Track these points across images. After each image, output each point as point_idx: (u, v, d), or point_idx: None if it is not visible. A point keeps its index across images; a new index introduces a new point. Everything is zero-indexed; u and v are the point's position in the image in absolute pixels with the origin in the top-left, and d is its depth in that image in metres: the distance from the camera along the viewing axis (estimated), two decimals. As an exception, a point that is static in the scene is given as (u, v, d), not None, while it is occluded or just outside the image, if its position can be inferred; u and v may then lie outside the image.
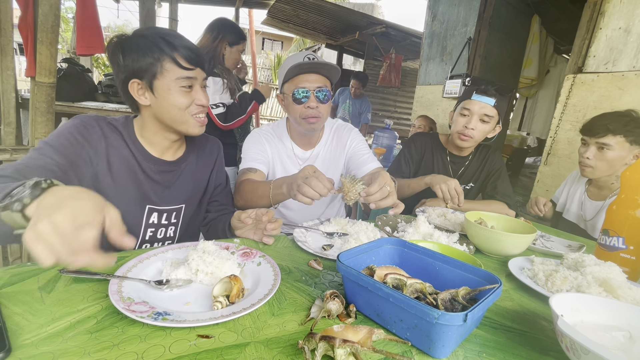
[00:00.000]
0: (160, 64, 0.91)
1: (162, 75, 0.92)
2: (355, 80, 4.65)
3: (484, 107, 1.52)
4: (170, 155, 1.09)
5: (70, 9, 10.87)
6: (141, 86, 0.94)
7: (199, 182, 1.16)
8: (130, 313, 0.56)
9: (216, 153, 1.23)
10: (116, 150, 0.98)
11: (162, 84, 0.92)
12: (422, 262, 0.76)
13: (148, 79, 0.92)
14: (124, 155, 0.99)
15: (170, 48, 0.91)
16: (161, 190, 1.06)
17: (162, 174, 1.06)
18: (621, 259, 0.92)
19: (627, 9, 2.22)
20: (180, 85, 0.93)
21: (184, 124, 0.98)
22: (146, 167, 1.02)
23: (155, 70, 0.91)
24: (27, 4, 2.14)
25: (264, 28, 10.21)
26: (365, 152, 1.47)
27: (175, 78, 0.92)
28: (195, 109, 0.98)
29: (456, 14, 3.85)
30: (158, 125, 1.01)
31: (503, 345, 0.61)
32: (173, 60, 0.91)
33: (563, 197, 1.75)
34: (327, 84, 1.31)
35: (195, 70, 0.95)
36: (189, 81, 0.95)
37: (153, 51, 0.90)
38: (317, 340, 0.51)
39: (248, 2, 7.17)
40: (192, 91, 0.97)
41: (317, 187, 0.90)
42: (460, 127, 1.57)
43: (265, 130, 1.47)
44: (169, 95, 0.93)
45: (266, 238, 0.97)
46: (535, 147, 6.54)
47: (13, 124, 2.27)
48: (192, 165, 1.14)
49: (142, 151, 1.02)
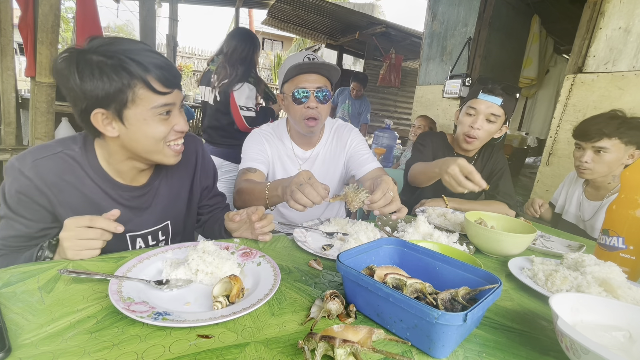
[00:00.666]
0: (131, 91, 0.76)
1: (135, 104, 0.77)
2: (356, 83, 4.63)
3: (490, 107, 1.50)
4: (142, 178, 0.97)
5: (70, 9, 10.88)
6: (106, 116, 0.79)
7: (178, 194, 1.06)
8: (130, 313, 0.56)
9: (194, 157, 1.09)
10: (70, 188, 0.85)
11: (134, 113, 0.78)
12: (422, 262, 0.76)
13: (116, 108, 0.77)
14: (81, 191, 0.87)
15: (142, 70, 0.76)
16: (139, 215, 0.97)
17: (136, 199, 0.96)
18: (621, 258, 0.92)
19: (627, 9, 2.22)
20: (157, 114, 0.80)
21: (158, 154, 0.86)
22: (115, 196, 0.92)
23: (125, 99, 0.76)
24: (27, 4, 2.14)
25: (264, 28, 10.21)
26: (365, 152, 1.47)
27: (150, 107, 0.79)
28: (173, 135, 0.86)
29: (456, 14, 3.85)
30: (126, 155, 0.87)
31: (503, 345, 0.61)
32: (147, 86, 0.77)
33: (562, 198, 1.76)
34: (327, 84, 1.31)
35: (172, 94, 0.82)
36: (167, 107, 0.81)
37: (121, 75, 0.74)
38: (317, 340, 0.51)
39: (248, 2, 7.18)
40: (170, 117, 0.84)
41: (311, 195, 0.88)
42: (466, 128, 1.55)
43: (265, 130, 1.47)
44: (144, 126, 0.80)
45: (261, 236, 0.95)
46: (535, 147, 6.53)
47: (13, 124, 2.27)
48: (166, 180, 1.03)
49: (108, 180, 0.90)
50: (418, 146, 1.74)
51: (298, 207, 0.90)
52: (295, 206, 0.91)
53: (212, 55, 2.45)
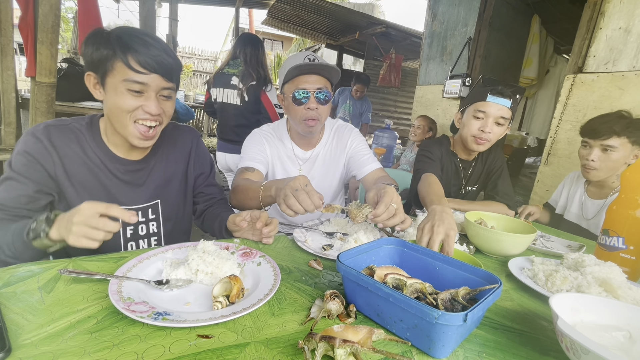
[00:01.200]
0: (110, 62, 0.86)
1: (112, 74, 0.87)
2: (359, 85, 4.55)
3: (500, 110, 1.44)
4: (138, 154, 1.04)
5: (70, 9, 10.87)
6: (97, 80, 0.91)
7: (172, 177, 1.12)
8: (130, 313, 0.56)
9: (189, 144, 1.17)
10: (74, 156, 0.94)
11: (111, 81, 0.88)
12: (422, 262, 0.76)
13: (101, 73, 0.88)
14: (84, 160, 0.95)
15: (123, 47, 0.85)
16: (131, 190, 1.03)
17: (130, 173, 1.02)
18: (621, 259, 0.92)
19: (627, 9, 2.22)
20: (127, 87, 0.87)
21: (124, 128, 0.92)
22: (113, 168, 0.99)
23: (106, 67, 0.87)
24: (28, 4, 2.14)
25: (264, 28, 10.21)
26: (365, 152, 1.47)
27: (122, 79, 0.86)
28: (140, 114, 0.90)
29: (456, 14, 3.85)
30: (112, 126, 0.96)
31: (503, 345, 0.61)
32: (123, 61, 0.85)
33: (562, 199, 1.75)
34: (327, 85, 1.31)
35: (149, 76, 0.88)
36: (139, 86, 0.87)
37: (107, 47, 0.85)
38: (317, 340, 0.51)
39: (248, 2, 7.18)
40: (141, 97, 0.89)
41: (305, 203, 0.87)
42: (476, 131, 1.48)
43: (265, 131, 1.47)
44: (115, 95, 0.88)
45: (265, 239, 0.97)
46: (535, 147, 6.54)
47: (13, 124, 2.27)
48: (162, 160, 1.09)
49: (107, 152, 0.98)
50: (427, 155, 1.63)
51: (289, 213, 0.89)
52: (286, 211, 0.89)
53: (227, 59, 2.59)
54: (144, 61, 0.86)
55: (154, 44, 0.88)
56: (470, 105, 1.53)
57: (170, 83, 0.93)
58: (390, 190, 0.96)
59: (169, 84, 0.92)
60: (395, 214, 0.93)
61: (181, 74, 1.03)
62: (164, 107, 0.94)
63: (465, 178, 1.70)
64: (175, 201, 1.14)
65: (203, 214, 1.20)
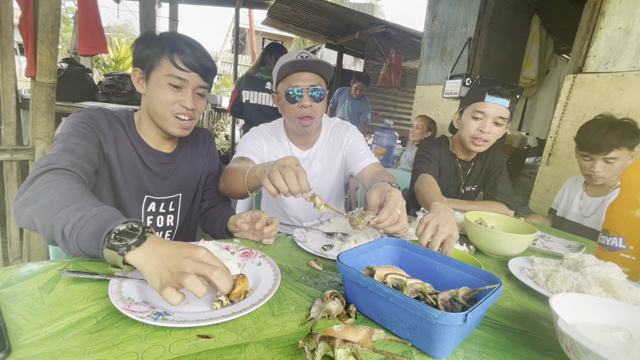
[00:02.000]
0: (158, 58, 0.97)
1: (157, 69, 0.97)
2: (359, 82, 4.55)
3: (499, 110, 1.43)
4: (168, 147, 1.13)
5: (70, 9, 10.88)
6: (141, 75, 1.00)
7: (194, 172, 1.20)
8: (130, 313, 0.56)
9: (208, 143, 1.27)
10: (122, 140, 1.03)
11: (155, 76, 0.98)
12: (422, 262, 0.76)
13: (147, 69, 0.99)
14: (126, 146, 1.04)
15: (171, 46, 0.97)
16: (160, 181, 1.11)
17: (161, 165, 1.11)
18: (621, 259, 0.92)
19: (627, 9, 2.22)
20: (169, 82, 0.97)
21: (164, 120, 1.01)
22: (146, 159, 1.07)
23: (153, 63, 0.97)
24: (28, 4, 2.14)
25: (264, 28, 10.21)
26: (361, 148, 1.46)
27: (166, 74, 0.97)
28: (178, 108, 1.00)
29: (456, 14, 3.85)
30: (149, 119, 1.05)
31: (503, 345, 0.61)
32: (169, 58, 0.96)
33: (563, 202, 1.77)
34: (321, 82, 1.30)
35: (189, 74, 0.98)
36: (180, 82, 0.98)
37: (157, 46, 0.97)
38: (317, 341, 0.51)
39: (248, 2, 7.18)
40: (180, 92, 0.99)
41: (290, 181, 0.77)
42: (474, 131, 1.48)
43: (263, 129, 1.47)
44: (157, 88, 0.98)
45: (265, 239, 0.97)
46: (535, 147, 6.54)
47: (13, 124, 2.27)
48: (187, 156, 1.18)
49: (141, 143, 1.07)
50: (425, 155, 1.63)
51: (270, 189, 0.79)
52: (268, 186, 0.79)
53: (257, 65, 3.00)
54: (187, 60, 0.97)
55: (198, 47, 1.00)
56: (468, 105, 1.52)
57: (206, 83, 1.04)
58: (395, 194, 0.90)
59: (204, 83, 1.03)
60: (399, 220, 0.89)
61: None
62: (197, 104, 1.03)
63: (464, 178, 1.70)
64: (192, 197, 1.21)
65: (206, 213, 1.22)
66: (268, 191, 0.80)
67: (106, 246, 0.61)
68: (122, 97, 3.32)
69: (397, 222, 0.89)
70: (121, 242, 0.61)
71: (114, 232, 0.62)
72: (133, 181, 1.05)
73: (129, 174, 1.04)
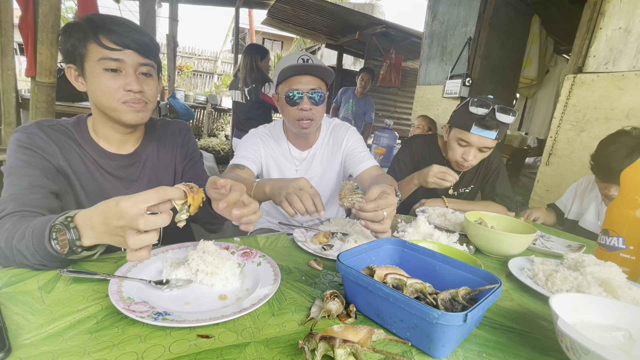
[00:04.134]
0: (84, 45, 0.85)
1: (88, 57, 0.86)
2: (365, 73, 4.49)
3: (483, 140, 1.40)
4: (129, 147, 1.03)
5: (70, 9, 10.87)
6: (77, 72, 0.90)
7: (164, 169, 1.11)
8: (130, 313, 0.56)
9: (177, 134, 1.15)
10: (71, 150, 0.93)
11: (89, 65, 0.87)
12: (422, 262, 0.76)
13: (79, 62, 0.88)
14: (79, 155, 0.94)
15: (93, 28, 0.85)
16: (126, 186, 1.01)
17: (123, 168, 1.01)
18: (621, 259, 0.92)
19: (627, 9, 2.22)
20: (103, 67, 0.86)
21: (113, 111, 0.90)
22: (105, 165, 0.98)
23: (81, 52, 0.86)
24: (28, 4, 2.14)
25: (264, 28, 10.20)
26: (361, 150, 1.46)
27: (98, 59, 0.85)
28: (124, 95, 0.88)
29: (456, 14, 3.85)
30: (102, 116, 0.94)
31: (503, 345, 0.61)
32: (95, 41, 0.85)
33: (576, 205, 1.71)
34: (321, 85, 1.29)
35: (122, 52, 0.86)
36: (115, 63, 0.86)
37: (78, 32, 0.86)
38: (317, 340, 0.51)
39: (248, 2, 7.18)
40: (120, 76, 0.88)
41: (307, 204, 0.86)
42: (459, 158, 1.48)
43: (261, 131, 1.47)
44: (95, 78, 0.87)
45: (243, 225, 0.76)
46: (535, 147, 6.54)
47: (13, 124, 2.27)
48: (153, 153, 1.08)
49: (96, 149, 0.97)
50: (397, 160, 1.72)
51: (289, 210, 0.88)
52: (287, 208, 0.88)
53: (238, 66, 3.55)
54: (116, 39, 0.86)
55: (126, 22, 0.89)
56: (455, 127, 1.48)
57: (148, 59, 0.91)
58: (392, 199, 0.91)
59: (146, 59, 0.91)
60: (382, 222, 0.89)
61: (180, 74, 1.03)
62: (145, 86, 0.91)
63: None
64: None
65: None
66: (287, 212, 0.87)
67: (64, 256, 0.66)
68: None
69: (380, 222, 0.89)
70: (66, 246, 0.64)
71: (52, 247, 0.65)
72: (95, 192, 0.96)
73: (89, 184, 0.95)
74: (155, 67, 0.95)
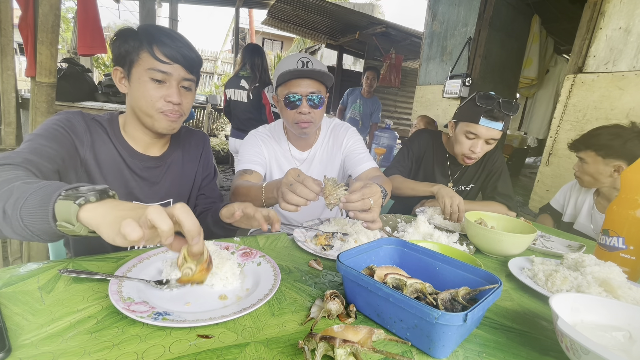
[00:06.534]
0: (137, 52, 0.91)
1: (138, 64, 0.92)
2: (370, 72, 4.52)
3: (491, 131, 1.44)
4: (156, 150, 1.08)
5: (70, 9, 10.87)
6: (123, 74, 0.95)
7: (186, 177, 1.15)
8: (130, 313, 0.56)
9: (202, 146, 1.21)
10: (103, 144, 0.97)
11: (136, 71, 0.92)
12: (422, 262, 0.76)
13: (127, 66, 0.93)
14: (109, 151, 0.98)
15: (149, 39, 0.91)
16: (148, 187, 1.05)
17: (148, 170, 1.05)
18: (621, 259, 0.92)
19: (627, 9, 2.22)
20: (150, 76, 0.91)
21: (150, 117, 0.96)
22: (131, 164, 1.02)
23: (132, 58, 0.92)
24: (28, 4, 2.13)
25: (264, 28, 10.21)
26: (361, 151, 1.46)
27: (147, 68, 0.91)
28: (163, 105, 0.94)
29: (456, 14, 3.85)
30: (136, 119, 0.99)
31: (503, 345, 0.61)
32: (148, 51, 0.91)
33: (570, 207, 1.72)
34: (320, 88, 1.28)
35: (171, 66, 0.93)
36: (162, 75, 0.92)
37: (135, 39, 0.91)
38: (317, 340, 0.51)
39: (248, 2, 7.18)
40: (163, 86, 0.94)
41: (303, 193, 0.83)
42: (466, 150, 1.51)
43: (261, 132, 1.47)
44: (139, 85, 0.92)
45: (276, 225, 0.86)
46: (535, 147, 6.54)
47: (13, 124, 2.27)
48: (178, 160, 1.13)
49: (126, 147, 1.01)
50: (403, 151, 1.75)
51: (290, 208, 0.85)
52: (287, 207, 0.85)
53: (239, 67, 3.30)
54: (168, 52, 0.92)
55: (178, 38, 0.95)
56: (462, 121, 1.51)
57: (191, 75, 0.98)
58: (375, 188, 0.91)
59: (189, 75, 0.97)
60: (370, 210, 0.88)
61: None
62: (183, 99, 0.98)
63: (452, 175, 1.71)
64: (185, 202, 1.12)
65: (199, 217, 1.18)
66: (289, 211, 0.86)
67: (59, 199, 0.54)
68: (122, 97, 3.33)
69: (368, 210, 0.88)
70: (78, 193, 0.55)
71: (70, 189, 0.56)
72: (118, 187, 0.99)
73: (114, 179, 0.99)
74: (195, 82, 1.01)
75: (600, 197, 1.59)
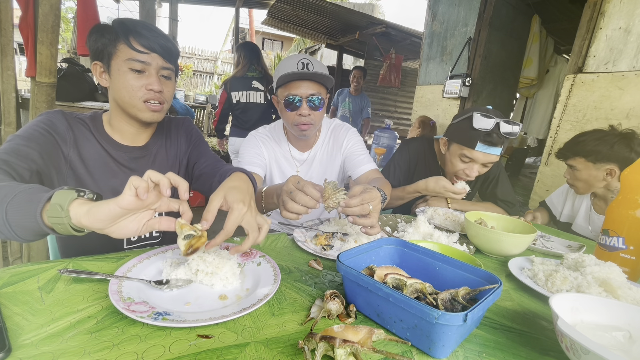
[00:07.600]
0: (114, 45, 0.93)
1: (116, 56, 0.93)
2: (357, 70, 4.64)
3: (488, 157, 1.33)
4: (141, 141, 1.09)
5: (70, 9, 10.86)
6: (103, 69, 0.96)
7: (172, 162, 1.16)
8: (130, 313, 0.56)
9: (181, 127, 1.19)
10: (86, 141, 0.99)
11: (115, 64, 0.94)
12: (422, 262, 0.76)
13: (106, 60, 0.95)
14: (92, 147, 1.00)
15: (124, 30, 0.93)
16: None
17: (135, 160, 1.06)
18: (621, 259, 0.92)
19: (627, 9, 2.22)
20: (130, 67, 0.93)
21: (132, 107, 0.97)
22: (117, 156, 1.03)
23: (110, 51, 0.93)
24: (28, 4, 2.13)
25: (264, 28, 10.21)
26: (361, 152, 1.46)
27: (125, 59, 0.93)
28: (145, 94, 0.96)
29: (456, 14, 3.85)
30: (121, 111, 1.01)
31: (503, 345, 0.61)
32: (125, 42, 0.92)
33: (567, 208, 1.72)
34: (320, 90, 1.28)
35: (149, 55, 0.94)
36: (141, 65, 0.94)
37: (110, 33, 0.93)
38: (317, 340, 0.51)
39: (248, 2, 7.18)
40: (143, 76, 0.95)
41: (303, 200, 0.84)
42: (460, 172, 1.41)
43: (261, 133, 1.47)
44: (119, 76, 0.94)
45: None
46: (535, 147, 6.53)
47: (13, 124, 2.27)
48: (162, 147, 1.13)
49: (110, 141, 1.03)
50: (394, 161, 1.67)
51: (291, 217, 0.86)
52: (288, 216, 0.86)
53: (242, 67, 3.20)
54: (144, 42, 0.93)
55: (154, 29, 0.96)
56: (457, 143, 1.39)
57: (170, 64, 0.99)
58: (375, 193, 0.91)
59: (168, 64, 0.99)
60: (369, 215, 0.89)
61: (180, 74, 1.05)
62: (164, 87, 0.99)
63: None
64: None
65: (201, 175, 1.16)
66: (291, 219, 0.87)
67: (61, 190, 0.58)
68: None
69: (367, 216, 0.89)
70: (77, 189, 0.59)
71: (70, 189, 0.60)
72: (106, 181, 1.01)
73: (101, 173, 1.00)
74: (174, 71, 1.02)
75: (597, 198, 1.59)
